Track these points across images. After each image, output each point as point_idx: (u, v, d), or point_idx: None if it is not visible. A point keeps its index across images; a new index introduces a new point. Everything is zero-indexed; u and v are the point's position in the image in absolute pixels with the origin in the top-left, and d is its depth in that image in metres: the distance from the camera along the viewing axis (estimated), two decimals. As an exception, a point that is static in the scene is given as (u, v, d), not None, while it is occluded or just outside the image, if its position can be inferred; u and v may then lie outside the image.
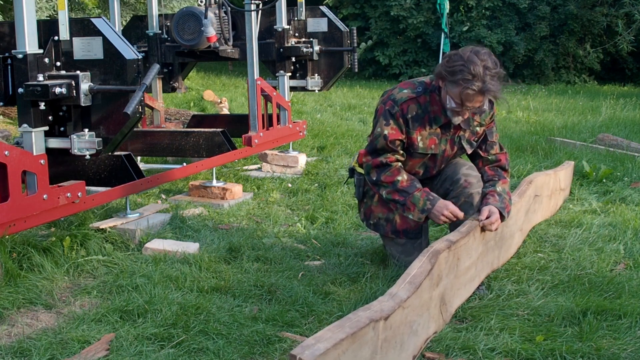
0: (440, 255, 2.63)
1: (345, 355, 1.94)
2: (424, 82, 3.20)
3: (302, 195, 4.86)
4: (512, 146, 6.46)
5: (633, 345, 2.55)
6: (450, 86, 3.00)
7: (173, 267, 3.36)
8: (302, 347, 1.86)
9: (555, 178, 4.28)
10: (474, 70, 2.93)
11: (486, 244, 3.13)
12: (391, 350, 2.21)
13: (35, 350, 2.52)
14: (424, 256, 2.60)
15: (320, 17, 6.01)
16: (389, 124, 3.15)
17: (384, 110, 3.17)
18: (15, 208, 3.10)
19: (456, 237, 2.85)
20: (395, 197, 3.19)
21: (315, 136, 6.87)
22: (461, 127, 3.22)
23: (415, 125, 3.16)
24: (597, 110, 9.39)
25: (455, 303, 2.82)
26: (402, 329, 2.28)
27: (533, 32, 14.17)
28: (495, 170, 3.31)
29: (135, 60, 3.54)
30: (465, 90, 2.95)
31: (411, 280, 2.42)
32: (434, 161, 3.28)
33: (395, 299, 2.28)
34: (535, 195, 3.84)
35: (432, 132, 3.19)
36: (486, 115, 3.25)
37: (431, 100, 3.15)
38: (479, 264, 3.07)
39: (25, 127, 3.39)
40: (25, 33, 3.30)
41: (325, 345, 1.87)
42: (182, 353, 2.51)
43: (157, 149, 5.25)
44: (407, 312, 2.32)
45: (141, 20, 5.87)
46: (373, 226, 3.40)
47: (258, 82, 5.03)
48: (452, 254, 2.75)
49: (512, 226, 3.45)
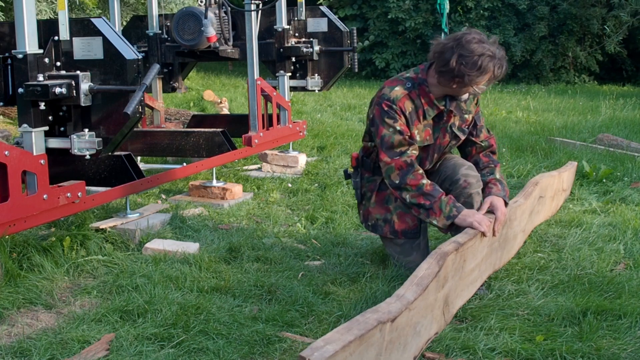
0: (448, 258, 2.61)
1: (353, 357, 1.94)
2: (410, 78, 3.20)
3: (302, 195, 4.86)
4: (512, 146, 6.46)
5: (633, 345, 2.55)
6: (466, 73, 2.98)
7: (173, 267, 3.36)
8: (312, 349, 1.86)
9: (560, 179, 4.28)
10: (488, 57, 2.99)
11: (491, 245, 3.11)
12: (394, 351, 2.21)
13: (35, 350, 2.52)
14: (431, 258, 2.57)
15: (320, 17, 6.01)
16: (397, 120, 3.13)
17: (383, 111, 3.14)
18: (15, 208, 3.10)
19: (464, 238, 2.82)
20: (421, 201, 3.10)
21: (315, 136, 6.87)
22: (453, 115, 3.23)
23: (412, 120, 3.17)
24: (597, 110, 9.38)
25: (457, 304, 2.82)
26: (406, 331, 2.28)
27: (532, 33, 14.17)
28: (489, 156, 3.37)
29: (135, 60, 3.54)
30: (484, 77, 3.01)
31: (418, 282, 2.41)
32: (427, 151, 3.27)
33: (402, 300, 2.27)
34: (540, 197, 3.84)
35: (426, 124, 3.21)
36: (471, 101, 3.28)
37: (420, 93, 3.17)
38: (483, 265, 3.06)
39: (25, 127, 3.39)
40: (25, 33, 3.30)
41: (334, 347, 1.87)
42: (182, 353, 2.51)
43: (157, 149, 5.25)
44: (413, 313, 2.31)
45: (141, 20, 5.87)
46: (372, 227, 3.39)
47: (258, 82, 5.03)
48: (459, 255, 2.74)
49: (516, 227, 3.45)
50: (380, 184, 3.35)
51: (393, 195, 3.25)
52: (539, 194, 3.79)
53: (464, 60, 2.97)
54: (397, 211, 3.30)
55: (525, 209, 3.55)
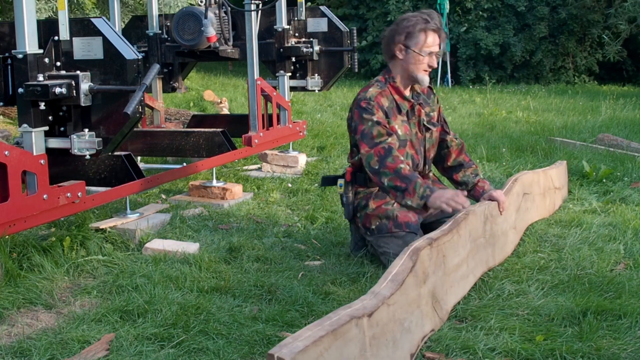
0: (421, 253, 2.64)
1: (329, 353, 1.94)
2: (379, 80, 3.47)
3: (302, 195, 4.86)
4: (512, 146, 6.46)
5: (633, 345, 2.55)
6: (415, 42, 3.34)
7: (173, 267, 3.36)
8: (280, 345, 1.85)
9: (546, 176, 4.28)
10: (419, 17, 3.36)
11: (474, 241, 3.15)
12: (383, 347, 2.22)
13: (35, 350, 2.52)
14: (404, 254, 2.61)
15: (320, 17, 6.01)
16: (374, 114, 3.31)
17: (362, 109, 3.34)
18: (15, 208, 3.10)
19: (437, 234, 2.88)
20: (397, 183, 3.18)
21: (315, 136, 6.87)
22: (422, 107, 3.49)
23: (391, 115, 3.39)
24: (597, 110, 9.38)
25: (450, 301, 2.83)
26: (391, 326, 2.29)
27: (532, 33, 14.17)
28: (467, 154, 3.66)
29: (135, 60, 3.54)
30: (430, 34, 3.33)
31: (393, 278, 2.43)
32: (412, 147, 3.45)
33: (378, 296, 2.29)
34: (525, 194, 3.87)
35: (402, 119, 3.43)
36: (432, 100, 3.59)
37: (392, 90, 3.43)
38: (471, 261, 3.08)
39: (25, 127, 3.39)
40: (25, 33, 3.30)
41: (304, 343, 1.86)
42: (182, 353, 2.52)
43: (157, 149, 5.25)
44: (394, 309, 2.33)
45: (141, 20, 5.87)
46: (376, 230, 3.40)
47: (258, 82, 5.03)
48: (435, 251, 2.77)
49: (502, 224, 3.48)
50: (375, 193, 3.46)
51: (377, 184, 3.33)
52: (521, 191, 3.83)
53: (393, 28, 3.40)
54: (397, 209, 3.37)
55: (509, 205, 3.59)
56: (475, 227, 3.19)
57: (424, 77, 3.39)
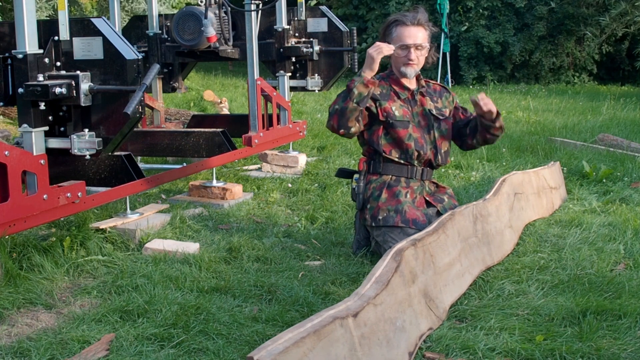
0: (404, 253, 2.66)
1: (314, 353, 1.94)
2: (381, 74, 3.65)
3: (302, 195, 4.86)
4: (512, 146, 6.46)
5: (633, 345, 2.55)
6: (391, 37, 3.55)
7: (173, 267, 3.36)
8: (259, 348, 1.85)
9: (538, 176, 4.29)
10: (398, 15, 3.59)
11: (465, 240, 3.18)
12: (375, 347, 2.23)
13: (35, 350, 2.52)
14: (387, 256, 2.64)
15: (320, 17, 6.01)
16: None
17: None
18: (15, 208, 3.10)
19: (421, 235, 2.93)
20: (345, 91, 3.39)
21: (315, 136, 6.87)
22: (424, 97, 3.63)
23: (385, 98, 3.56)
24: (597, 110, 9.39)
25: (446, 299, 2.84)
26: (382, 326, 2.30)
27: (531, 32, 14.17)
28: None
29: (135, 60, 3.54)
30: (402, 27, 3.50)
31: (377, 280, 2.45)
32: (417, 131, 3.57)
33: (363, 297, 2.31)
34: (516, 193, 3.89)
35: (401, 104, 3.58)
36: (447, 97, 3.73)
37: (391, 82, 3.63)
38: (464, 260, 3.10)
39: (25, 127, 3.39)
40: (25, 33, 3.30)
41: (284, 345, 1.86)
42: (182, 353, 2.52)
43: (157, 149, 5.25)
44: (383, 309, 2.34)
45: (141, 21, 5.87)
46: (382, 220, 3.45)
47: (258, 82, 5.03)
48: (420, 251, 2.79)
49: (495, 222, 3.50)
50: (388, 182, 3.54)
51: (331, 114, 3.43)
52: (511, 191, 3.85)
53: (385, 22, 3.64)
54: (407, 204, 3.46)
55: (500, 205, 3.63)
56: (464, 227, 3.22)
57: (405, 69, 3.57)
